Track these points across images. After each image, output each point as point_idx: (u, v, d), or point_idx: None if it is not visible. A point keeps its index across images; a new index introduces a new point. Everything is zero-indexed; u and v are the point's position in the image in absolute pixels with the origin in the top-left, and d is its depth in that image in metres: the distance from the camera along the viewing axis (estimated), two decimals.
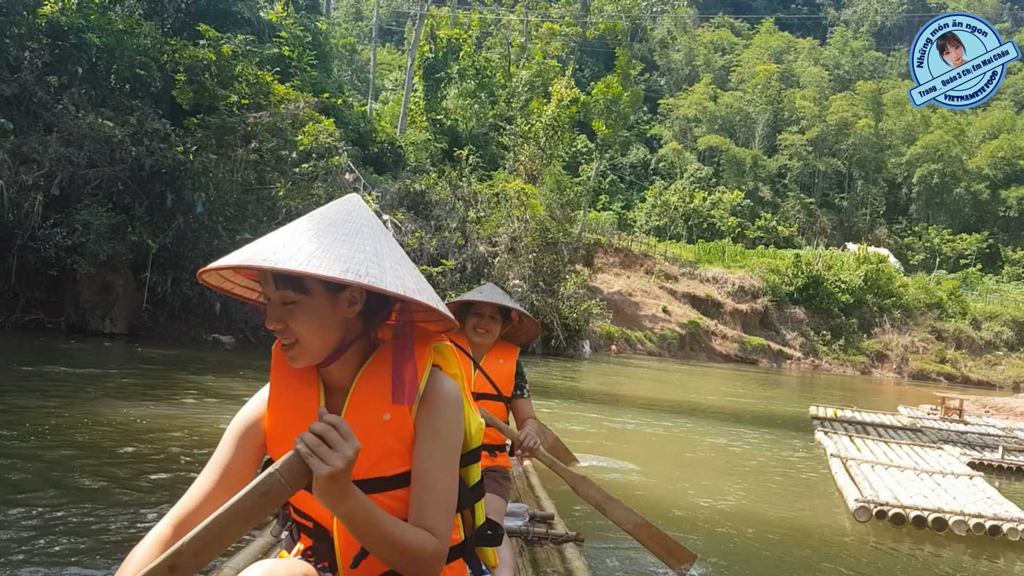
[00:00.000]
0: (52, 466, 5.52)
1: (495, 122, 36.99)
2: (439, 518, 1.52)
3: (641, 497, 6.57)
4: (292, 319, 1.50)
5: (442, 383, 1.59)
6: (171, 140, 15.72)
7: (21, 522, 4.28)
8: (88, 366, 11.96)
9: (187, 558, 1.26)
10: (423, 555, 1.47)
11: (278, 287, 1.50)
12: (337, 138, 18.18)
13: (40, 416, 7.20)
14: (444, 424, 1.56)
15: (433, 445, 1.54)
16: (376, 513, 1.42)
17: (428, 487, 1.52)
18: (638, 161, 67.68)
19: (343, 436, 1.32)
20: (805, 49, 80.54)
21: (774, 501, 7.03)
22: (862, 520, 6.02)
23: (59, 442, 6.28)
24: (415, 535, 1.47)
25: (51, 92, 17.78)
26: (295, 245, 1.42)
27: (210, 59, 17.13)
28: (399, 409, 1.54)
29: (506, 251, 25.75)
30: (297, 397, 1.60)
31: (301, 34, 22.69)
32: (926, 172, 63.10)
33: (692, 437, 10.98)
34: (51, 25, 18.98)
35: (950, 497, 6.61)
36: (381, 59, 56.63)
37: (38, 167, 14.96)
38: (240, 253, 1.46)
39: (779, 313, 43.45)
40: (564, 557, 3.60)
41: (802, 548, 5.52)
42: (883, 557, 5.47)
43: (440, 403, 1.57)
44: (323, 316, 1.51)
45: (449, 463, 1.56)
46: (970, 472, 8.01)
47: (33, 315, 14.71)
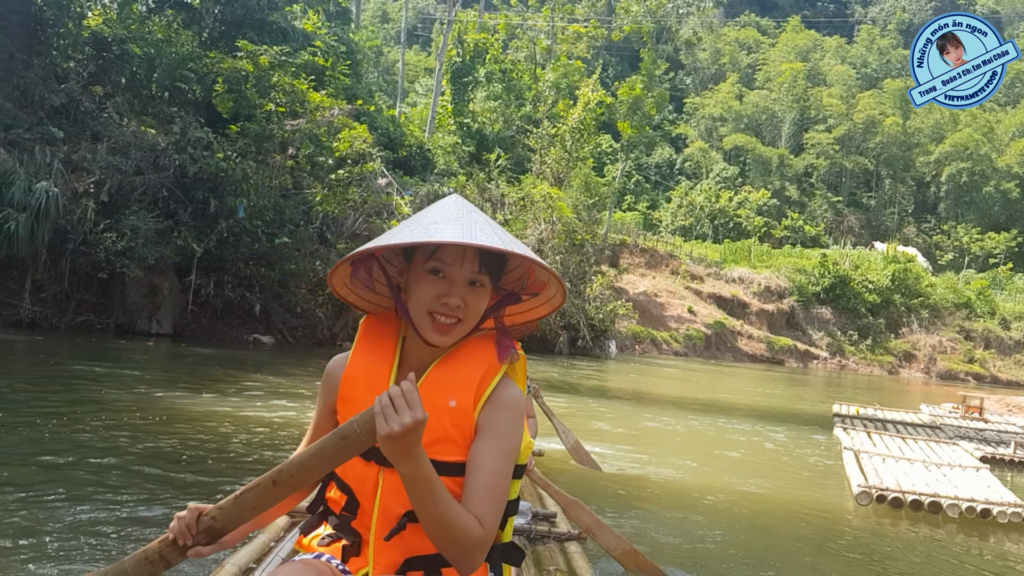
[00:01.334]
0: (108, 452, 6.11)
1: (521, 125, 37.52)
2: (489, 511, 1.57)
3: (659, 484, 7.07)
4: (474, 300, 1.66)
5: (510, 389, 1.68)
6: (213, 148, 16.40)
7: (91, 499, 4.87)
8: (137, 364, 12.66)
9: (286, 477, 1.50)
10: (467, 537, 1.53)
11: (480, 270, 1.65)
12: (371, 144, 18.80)
13: (94, 409, 7.79)
14: (505, 427, 1.63)
15: (492, 444, 1.61)
16: (435, 481, 1.50)
17: (482, 482, 1.58)
18: (663, 161, 67.76)
19: (409, 404, 1.43)
20: (832, 47, 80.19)
21: (786, 488, 7.52)
22: (864, 504, 6.51)
23: (112, 433, 6.81)
24: (465, 515, 1.53)
25: (96, 101, 18.57)
26: (483, 232, 1.60)
27: (248, 70, 17.81)
28: (464, 400, 1.63)
29: (533, 252, 26.24)
30: (372, 368, 1.72)
31: (335, 44, 23.41)
32: (955, 170, 62.63)
33: (715, 433, 11.43)
34: (95, 36, 19.80)
35: (951, 485, 7.05)
36: (407, 61, 57.31)
37: (88, 174, 15.73)
38: (443, 232, 1.58)
39: (805, 313, 43.48)
40: (567, 555, 3.60)
41: (807, 527, 6.03)
42: (882, 536, 5.99)
43: (505, 406, 1.65)
44: (485, 302, 1.70)
45: (504, 464, 1.62)
46: (978, 465, 8.42)
47: (84, 316, 15.46)
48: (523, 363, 1.75)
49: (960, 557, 5.68)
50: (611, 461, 7.81)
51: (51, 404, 7.93)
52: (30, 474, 5.25)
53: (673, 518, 5.87)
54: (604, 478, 6.80)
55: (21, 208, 13.73)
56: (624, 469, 7.55)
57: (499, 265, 1.70)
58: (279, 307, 17.25)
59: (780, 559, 5.23)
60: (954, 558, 5.64)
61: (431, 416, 1.53)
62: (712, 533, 5.59)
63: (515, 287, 1.78)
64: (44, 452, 5.84)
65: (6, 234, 13.60)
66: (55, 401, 8.19)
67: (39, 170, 14.69)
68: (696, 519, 5.95)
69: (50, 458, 5.69)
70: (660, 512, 6.00)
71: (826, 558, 5.36)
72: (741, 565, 4.95)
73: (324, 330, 17.83)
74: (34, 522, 4.28)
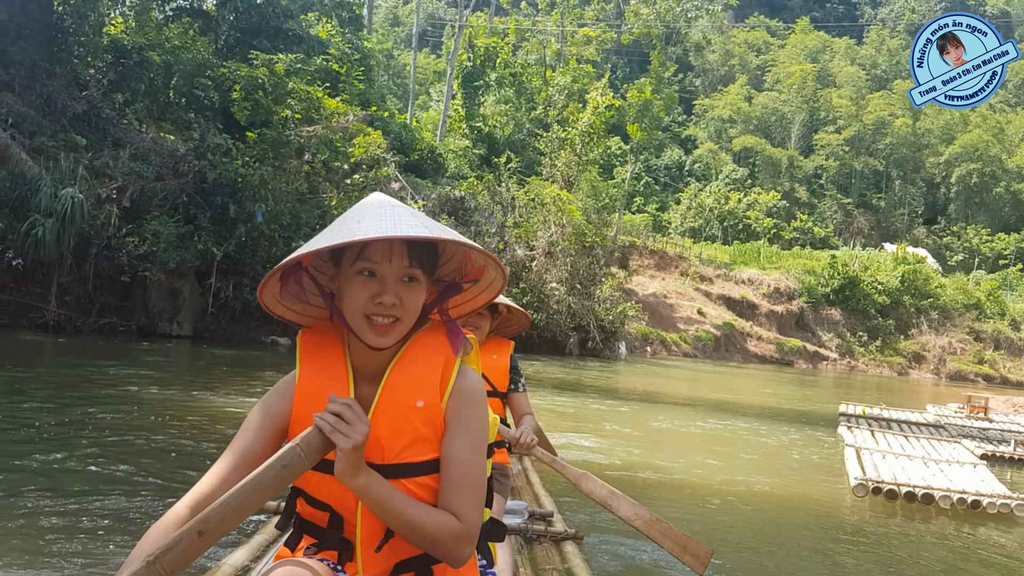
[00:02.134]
0: (125, 450, 6.47)
1: (531, 128, 37.89)
2: (467, 503, 1.57)
3: (663, 481, 7.40)
4: (409, 295, 1.59)
5: (469, 376, 1.66)
6: (232, 154, 16.83)
7: (120, 489, 5.23)
8: (159, 365, 13.08)
9: (215, 524, 1.38)
10: (442, 535, 1.54)
11: (411, 264, 1.58)
12: (384, 149, 19.22)
13: (115, 409, 8.17)
14: (473, 416, 1.63)
15: (463, 436, 1.60)
16: (389, 488, 1.52)
17: (458, 475, 1.58)
18: (673, 163, 67.97)
19: (358, 414, 1.47)
20: (841, 49, 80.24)
21: (788, 482, 7.85)
22: (860, 495, 6.85)
23: (134, 430, 7.17)
24: (431, 515, 1.55)
25: (116, 108, 19.02)
26: (406, 224, 1.52)
27: (264, 78, 18.24)
28: (431, 398, 1.60)
29: (543, 255, 26.60)
30: (328, 383, 1.64)
31: (349, 51, 23.86)
32: (965, 171, 62.66)
33: (722, 431, 11.74)
34: (114, 44, 20.25)
35: (946, 479, 7.36)
36: (418, 64, 57.84)
37: (111, 180, 16.18)
38: (366, 230, 1.51)
39: (815, 314, 43.63)
40: (563, 555, 3.61)
41: (806, 517, 6.39)
42: (877, 526, 6.33)
43: (469, 395, 1.63)
44: (421, 297, 1.63)
45: (478, 453, 1.62)
46: (975, 461, 8.71)
47: (107, 319, 15.91)
48: (473, 345, 1.73)
49: (950, 545, 6.02)
50: (618, 456, 8.15)
51: (75, 402, 8.31)
52: (54, 469, 5.60)
53: (679, 508, 6.21)
54: (611, 473, 7.14)
55: (47, 214, 14.19)
56: (631, 463, 7.89)
57: (431, 256, 1.64)
58: None
59: (779, 546, 5.56)
60: (944, 545, 5.97)
61: (402, 418, 1.57)
62: (715, 520, 5.94)
63: (454, 276, 1.72)
64: (68, 448, 6.16)
65: (33, 239, 14.04)
66: (79, 399, 8.58)
67: (64, 176, 15.14)
68: (700, 509, 6.29)
69: (72, 454, 6.04)
70: (668, 503, 6.34)
71: (823, 545, 5.70)
72: (741, 551, 5.28)
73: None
74: (58, 514, 4.56)
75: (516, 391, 3.74)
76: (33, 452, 5.88)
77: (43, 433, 6.68)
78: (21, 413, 7.46)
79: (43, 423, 7.05)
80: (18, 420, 7.10)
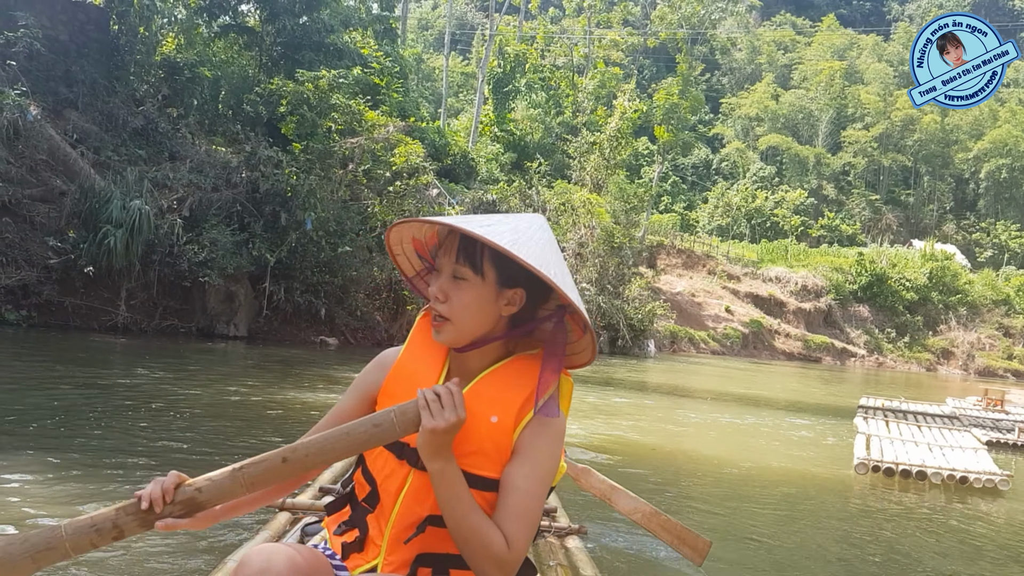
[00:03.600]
0: (190, 438, 7.50)
1: (560, 132, 38.79)
2: (519, 532, 1.54)
3: (691, 461, 8.31)
4: (456, 294, 1.59)
5: (553, 412, 1.61)
6: (283, 166, 17.96)
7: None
8: (219, 363, 14.22)
9: (300, 455, 1.43)
10: (490, 548, 1.51)
11: (458, 259, 1.58)
12: (423, 157, 20.28)
13: (183, 400, 9.13)
14: (543, 452, 1.59)
15: (529, 469, 1.57)
16: (463, 483, 1.52)
17: (515, 503, 1.55)
18: (700, 161, 68.42)
19: (456, 404, 1.46)
20: (868, 45, 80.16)
21: (797, 464, 8.76)
22: (861, 473, 7.77)
23: (199, 422, 8.11)
24: (491, 527, 1.52)
25: (170, 122, 20.20)
26: (499, 229, 1.53)
27: (310, 93, 19.34)
28: (506, 418, 1.58)
29: (574, 256, 27.49)
30: (422, 369, 1.68)
31: (390, 65, 25.00)
32: (994, 167, 62.57)
33: (744, 421, 12.60)
34: (167, 61, 21.47)
35: (944, 460, 8.21)
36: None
37: (171, 192, 17.37)
38: (451, 219, 1.56)
39: (843, 311, 43.97)
40: (567, 549, 3.59)
41: (812, 491, 7.31)
42: (875, 499, 7.27)
43: (545, 429, 1.59)
44: (483, 303, 1.59)
45: (539, 489, 1.58)
46: (978, 447, 9.51)
47: (169, 321, 17.08)
48: (569, 386, 1.68)
49: (939, 513, 6.91)
50: (638, 440, 9.07)
51: (146, 395, 9.38)
52: (156, 450, 6.64)
53: (693, 486, 7.13)
54: (629, 454, 8.07)
55: (118, 225, 15.36)
56: (649, 447, 8.81)
57: (505, 267, 1.58)
58: (342, 311, 18.75)
59: (786, 516, 6.46)
60: (933, 516, 6.87)
61: (471, 427, 1.55)
62: (731, 495, 6.84)
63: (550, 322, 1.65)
64: (144, 439, 7.09)
65: (106, 248, 15.24)
66: (149, 392, 9.64)
67: (130, 189, 16.32)
68: (712, 483, 7.20)
69: (142, 444, 7.09)
70: (688, 486, 7.26)
71: (822, 514, 6.63)
72: (750, 522, 6.18)
73: (381, 332, 19.29)
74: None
75: None
76: (135, 439, 6.92)
77: (140, 421, 7.73)
78: (112, 407, 8.53)
79: (131, 413, 8.11)
80: (113, 412, 8.17)
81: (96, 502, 4.65)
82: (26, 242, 15.70)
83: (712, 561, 3.72)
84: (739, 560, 4.94)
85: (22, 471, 5.19)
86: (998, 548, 5.94)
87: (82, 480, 5.20)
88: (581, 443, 8.31)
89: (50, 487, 4.97)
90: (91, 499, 4.75)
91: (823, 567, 5.08)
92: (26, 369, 10.51)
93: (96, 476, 5.33)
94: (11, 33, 16.39)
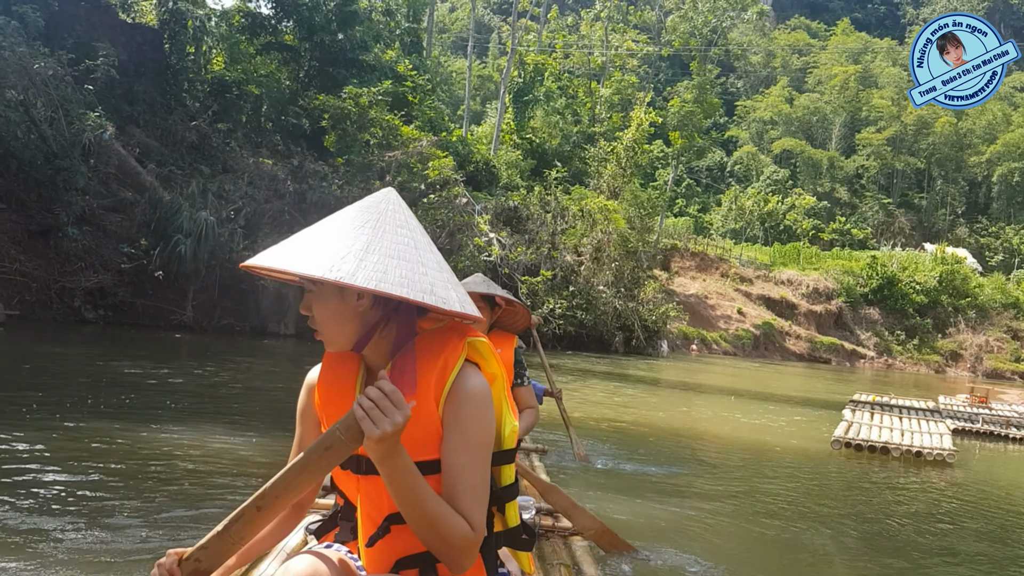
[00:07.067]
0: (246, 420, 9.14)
1: (578, 140, 40.35)
2: (471, 509, 1.56)
3: (677, 440, 9.95)
4: (316, 305, 1.65)
5: (470, 379, 1.62)
6: (329, 179, 19.70)
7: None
8: (272, 356, 15.96)
9: (270, 500, 1.49)
10: (454, 537, 1.53)
11: (302, 276, 1.60)
12: (454, 169, 21.98)
13: (233, 390, 10.73)
14: (470, 420, 1.60)
15: (459, 440, 1.59)
16: (417, 476, 1.51)
17: (456, 480, 1.57)
18: (714, 164, 69.23)
19: (395, 404, 1.42)
20: (883, 49, 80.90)
21: (784, 443, 10.37)
22: (836, 449, 9.46)
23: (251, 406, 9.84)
24: (451, 515, 1.53)
25: (220, 137, 21.96)
26: (302, 241, 1.58)
27: (351, 109, 21.09)
28: (424, 399, 1.59)
29: (591, 260, 28.95)
30: (339, 377, 1.74)
31: (423, 83, 26.75)
32: (1007, 170, 63.17)
33: (745, 412, 14.19)
34: (216, 79, 23.24)
35: (907, 439, 9.81)
36: (464, 69, 60.41)
37: (229, 203, 19.16)
38: (263, 258, 1.60)
39: (853, 314, 44.70)
40: (571, 550, 3.66)
41: (792, 462, 8.94)
42: (847, 470, 8.92)
43: (466, 399, 1.60)
44: (334, 306, 1.63)
45: (476, 458, 1.59)
46: (944, 432, 11.08)
47: (226, 320, 18.87)
48: (487, 348, 1.69)
49: (896, 479, 8.57)
50: (643, 424, 10.71)
51: (214, 386, 11.08)
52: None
53: (690, 458, 8.76)
54: (634, 432, 9.71)
55: (187, 234, 17.15)
56: (652, 428, 10.45)
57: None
58: None
59: (771, 482, 8.08)
60: (894, 478, 8.55)
61: None
62: (731, 464, 8.47)
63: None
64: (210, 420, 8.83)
65: (176, 255, 17.03)
66: (213, 382, 11.34)
67: (195, 200, 18.12)
68: (720, 457, 8.84)
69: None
70: (679, 454, 8.89)
71: (804, 477, 8.24)
72: (738, 488, 7.80)
73: None
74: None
75: (520, 385, 3.91)
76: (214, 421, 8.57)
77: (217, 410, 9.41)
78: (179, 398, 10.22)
79: (202, 402, 9.79)
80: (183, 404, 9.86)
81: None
82: (101, 248, 17.56)
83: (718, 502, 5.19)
84: (724, 492, 6.54)
85: (223, 439, 6.83)
86: (938, 504, 7.54)
87: (224, 445, 6.88)
88: (598, 426, 9.96)
89: (196, 449, 6.66)
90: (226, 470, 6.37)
91: (800, 517, 6.66)
92: (134, 361, 12.24)
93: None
94: (91, 62, 18.15)
